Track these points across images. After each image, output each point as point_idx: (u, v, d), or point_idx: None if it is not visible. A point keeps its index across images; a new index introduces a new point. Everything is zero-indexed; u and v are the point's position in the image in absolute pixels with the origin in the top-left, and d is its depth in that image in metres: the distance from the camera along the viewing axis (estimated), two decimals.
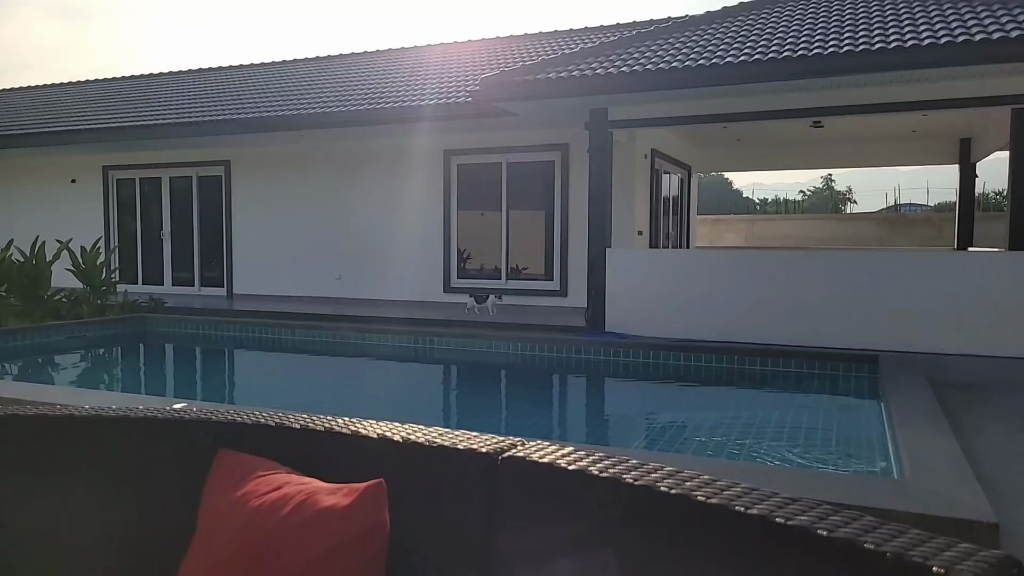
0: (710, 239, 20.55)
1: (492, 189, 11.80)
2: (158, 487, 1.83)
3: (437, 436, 1.64)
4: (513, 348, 8.08)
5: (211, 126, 12.10)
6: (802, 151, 14.95)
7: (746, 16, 9.43)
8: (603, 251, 9.03)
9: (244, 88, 14.17)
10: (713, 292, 8.53)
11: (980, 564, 0.97)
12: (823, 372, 6.83)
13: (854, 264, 8.17)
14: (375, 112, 11.01)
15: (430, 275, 12.10)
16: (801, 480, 3.37)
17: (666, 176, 12.75)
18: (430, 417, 6.15)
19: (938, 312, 7.55)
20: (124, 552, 1.82)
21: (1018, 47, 6.67)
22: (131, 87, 16.53)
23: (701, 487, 1.29)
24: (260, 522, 1.47)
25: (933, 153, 14.19)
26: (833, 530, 1.10)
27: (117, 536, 1.83)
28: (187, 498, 1.71)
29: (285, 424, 1.80)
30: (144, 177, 14.60)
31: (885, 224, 19.76)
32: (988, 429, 4.66)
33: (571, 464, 1.43)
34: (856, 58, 7.20)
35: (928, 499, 2.98)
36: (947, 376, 6.24)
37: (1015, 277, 7.30)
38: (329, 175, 12.90)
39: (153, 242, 14.56)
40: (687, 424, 5.59)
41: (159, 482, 1.84)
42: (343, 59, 15.52)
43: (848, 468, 4.37)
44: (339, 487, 1.48)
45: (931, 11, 7.91)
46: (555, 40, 13.51)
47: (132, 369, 8.86)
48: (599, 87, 8.36)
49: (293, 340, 9.11)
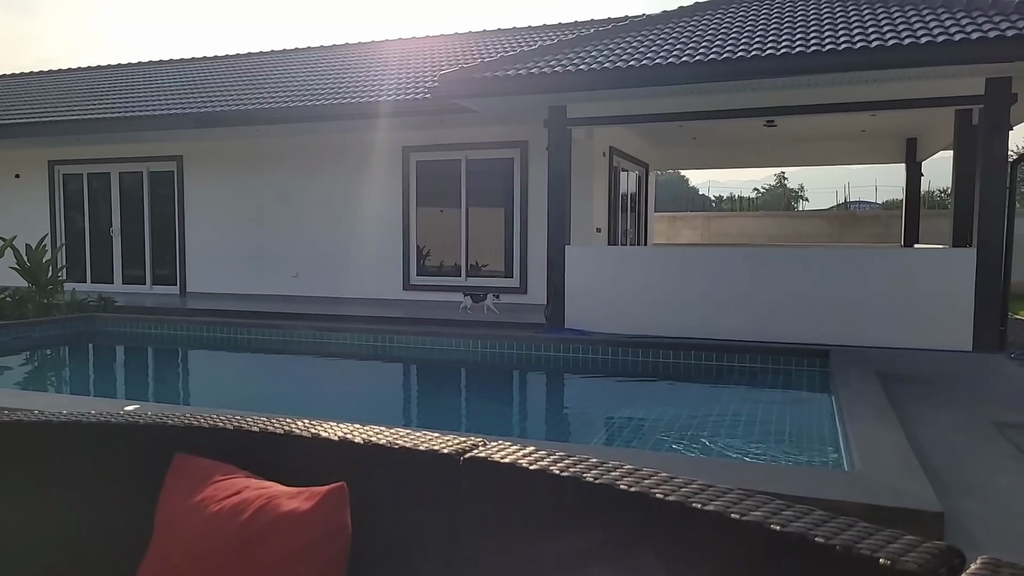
0: (667, 236, 20.82)
1: (452, 186, 11.77)
2: (112, 493, 1.79)
3: (399, 437, 1.64)
4: (473, 346, 8.08)
5: (164, 120, 11.83)
6: (756, 150, 15.24)
7: (701, 16, 9.57)
8: (562, 248, 9.09)
9: (198, 82, 13.86)
10: (671, 289, 8.65)
11: (923, 555, 1.02)
12: (777, 366, 6.98)
13: (806, 260, 8.37)
14: (333, 107, 10.88)
15: (389, 273, 12.02)
16: (756, 473, 3.44)
17: (624, 174, 12.87)
18: (390, 416, 6.12)
19: (885, 307, 7.78)
20: (77, 560, 1.77)
21: (960, 50, 6.91)
22: (80, 79, 16.05)
23: (659, 484, 1.32)
24: (219, 527, 1.45)
25: (881, 152, 14.60)
26: (786, 524, 1.13)
27: (69, 544, 1.78)
28: (143, 504, 1.68)
29: (243, 427, 1.78)
30: (92, 172, 14.20)
31: (836, 221, 20.26)
32: (933, 420, 4.82)
33: (533, 464, 1.45)
34: (807, 59, 7.37)
35: (877, 490, 3.08)
36: (894, 369, 6.45)
37: (957, 273, 7.56)
38: (286, 171, 12.71)
39: (102, 239, 14.17)
40: (646, 419, 5.67)
41: (113, 488, 1.80)
42: (300, 53, 15.30)
43: (801, 460, 4.49)
44: (300, 491, 1.47)
45: (879, 14, 8.13)
46: (514, 37, 13.52)
47: (81, 370, 8.61)
48: (557, 85, 8.40)
49: (250, 339, 8.96)
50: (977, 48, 6.85)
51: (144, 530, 1.63)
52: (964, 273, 7.52)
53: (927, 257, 8.22)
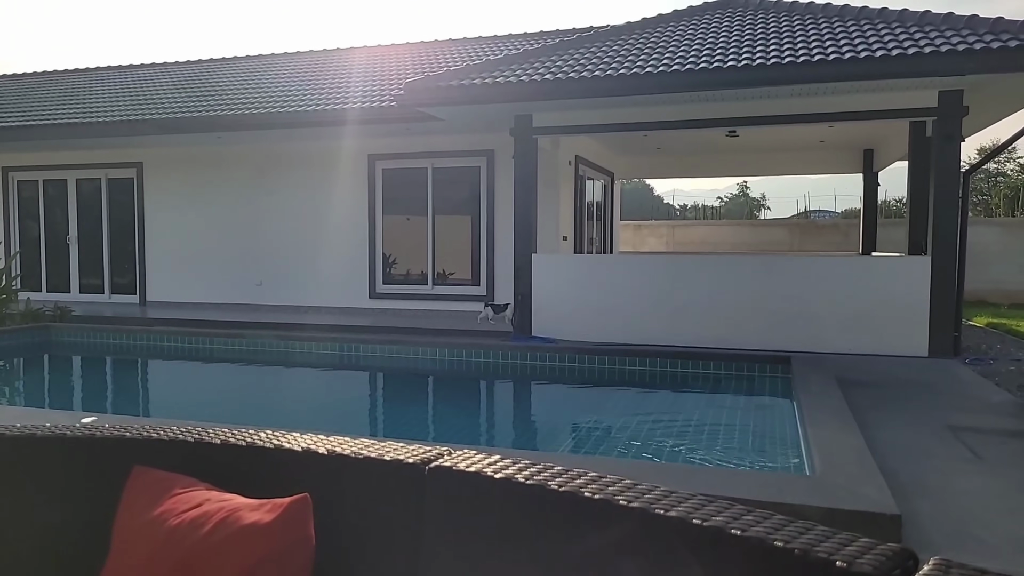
0: (633, 244, 21.00)
1: (418, 194, 11.74)
2: (68, 507, 1.75)
3: (363, 447, 1.63)
4: (440, 354, 8.05)
5: (124, 126, 11.59)
6: (719, 159, 15.48)
7: (664, 27, 9.71)
8: (529, 256, 9.12)
9: (159, 87, 13.62)
10: (636, 297, 8.74)
11: (878, 557, 1.04)
12: (740, 373, 7.08)
13: (768, 268, 8.52)
14: (298, 115, 10.79)
15: (355, 281, 11.92)
16: (719, 479, 3.49)
17: (590, 182, 12.97)
18: (353, 426, 6.06)
19: (844, 314, 7.96)
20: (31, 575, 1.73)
21: (913, 63, 7.11)
22: (36, 83, 15.67)
23: (623, 491, 1.33)
24: (179, 540, 1.43)
25: (839, 163, 14.95)
26: (746, 529, 1.15)
27: (27, 560, 1.74)
28: (99, 518, 1.64)
29: (204, 439, 1.75)
30: (48, 179, 13.86)
31: (796, 230, 20.64)
32: (890, 424, 4.93)
33: (498, 472, 1.45)
34: (767, 71, 7.52)
35: (837, 494, 3.14)
36: (853, 375, 6.58)
37: (913, 280, 7.76)
38: (249, 178, 12.56)
39: (59, 247, 13.83)
40: (611, 426, 5.70)
41: (69, 502, 1.76)
42: (266, 60, 15.13)
43: (764, 465, 4.55)
44: (262, 503, 1.45)
45: (836, 28, 8.34)
46: (481, 46, 13.55)
47: (35, 382, 8.38)
48: (523, 94, 8.45)
49: (212, 349, 8.81)
50: (929, 62, 7.06)
51: (101, 544, 1.60)
52: (919, 280, 7.72)
53: (884, 265, 8.42)
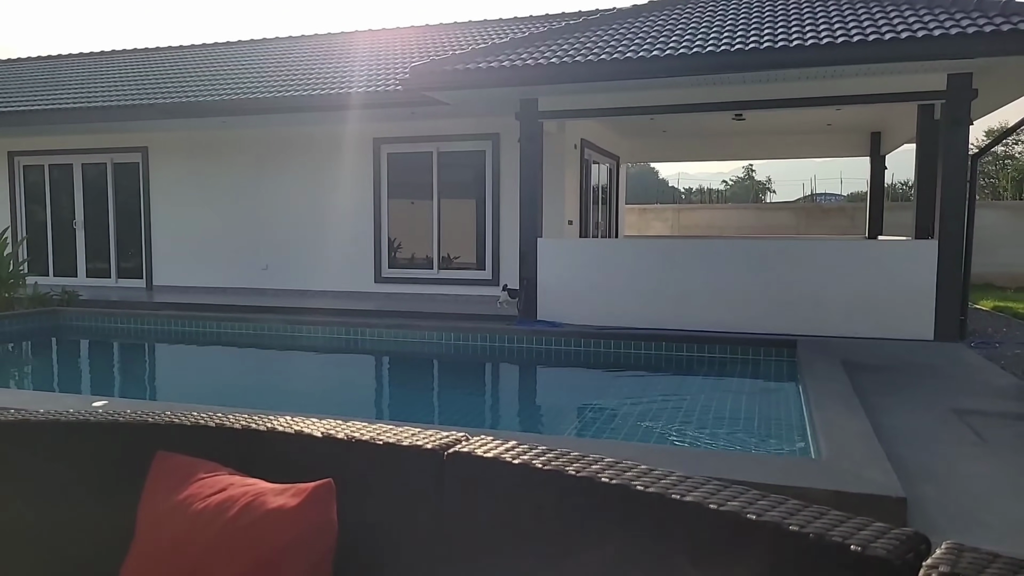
0: (638, 228, 20.96)
1: (423, 178, 11.73)
2: (93, 492, 1.78)
3: (381, 433, 1.66)
4: (445, 339, 8.09)
5: (129, 111, 11.59)
6: (725, 142, 15.42)
7: (671, 10, 9.64)
8: (534, 241, 9.13)
9: (164, 71, 13.59)
10: (642, 281, 8.75)
11: (892, 541, 1.07)
12: (746, 357, 7.11)
13: (774, 252, 8.51)
14: (303, 99, 10.76)
15: (361, 265, 11.95)
16: (727, 463, 3.52)
17: (595, 166, 12.94)
18: (360, 408, 6.11)
19: (851, 297, 7.96)
20: (57, 560, 1.77)
21: (923, 46, 7.06)
22: (41, 68, 15.65)
23: (640, 477, 1.36)
24: (204, 525, 1.46)
25: (846, 146, 14.87)
26: (761, 514, 1.18)
27: (51, 545, 1.78)
28: (124, 502, 1.67)
29: (225, 424, 1.78)
30: (54, 164, 13.88)
31: (802, 213, 20.57)
32: (896, 408, 4.96)
33: (515, 458, 1.48)
34: (775, 54, 7.48)
35: (843, 477, 3.17)
36: (859, 358, 6.60)
37: (920, 264, 7.75)
38: (255, 162, 12.56)
39: (65, 232, 13.88)
40: (618, 410, 5.74)
41: (93, 487, 1.79)
42: (269, 43, 15.07)
43: (770, 448, 4.59)
44: (286, 487, 1.48)
45: (844, 11, 8.27)
46: (486, 29, 13.48)
47: (44, 366, 8.45)
48: (529, 78, 8.42)
49: (219, 333, 8.86)
50: (939, 44, 7.01)
51: (126, 529, 1.63)
52: (926, 264, 7.72)
53: (891, 249, 8.41)
